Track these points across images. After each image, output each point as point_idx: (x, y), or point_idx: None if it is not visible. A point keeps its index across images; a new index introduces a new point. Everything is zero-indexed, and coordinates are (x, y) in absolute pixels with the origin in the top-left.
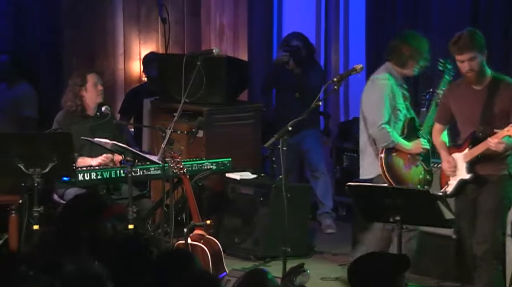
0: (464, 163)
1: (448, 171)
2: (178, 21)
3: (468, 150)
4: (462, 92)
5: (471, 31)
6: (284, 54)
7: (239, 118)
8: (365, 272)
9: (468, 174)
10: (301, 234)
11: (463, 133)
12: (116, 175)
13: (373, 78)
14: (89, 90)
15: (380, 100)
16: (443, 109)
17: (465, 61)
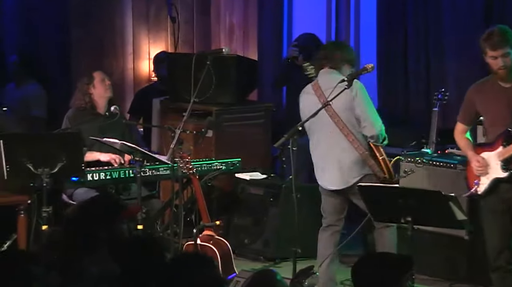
0: (498, 161)
1: (479, 170)
2: (187, 20)
3: (502, 148)
4: (489, 91)
5: (502, 28)
6: (293, 49)
7: (248, 118)
8: (368, 272)
9: (504, 172)
10: (312, 235)
11: (492, 132)
12: (125, 175)
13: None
14: (96, 86)
15: (369, 99)
16: (468, 110)
17: (498, 57)
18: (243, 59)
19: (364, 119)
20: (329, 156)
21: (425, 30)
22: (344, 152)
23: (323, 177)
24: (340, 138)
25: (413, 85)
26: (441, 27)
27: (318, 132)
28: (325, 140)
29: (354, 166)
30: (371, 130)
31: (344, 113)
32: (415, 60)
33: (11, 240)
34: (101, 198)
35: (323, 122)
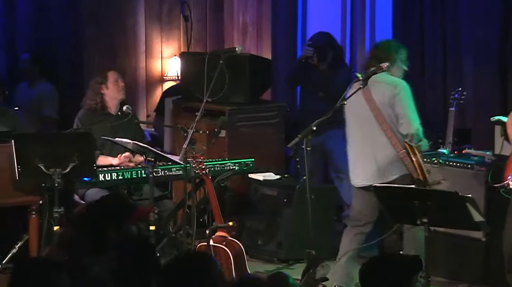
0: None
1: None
2: (200, 18)
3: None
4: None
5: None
6: (307, 49)
7: (262, 118)
8: (377, 274)
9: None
10: (326, 236)
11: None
12: (137, 175)
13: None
14: (109, 87)
15: (412, 100)
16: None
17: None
18: (257, 58)
19: (402, 116)
20: (366, 150)
21: (442, 30)
22: (382, 147)
23: (358, 173)
24: (379, 133)
25: (430, 85)
26: (458, 27)
27: (356, 126)
28: (363, 134)
29: (393, 163)
30: (407, 129)
31: (384, 109)
32: (432, 59)
33: (23, 241)
34: (110, 198)
35: (363, 116)
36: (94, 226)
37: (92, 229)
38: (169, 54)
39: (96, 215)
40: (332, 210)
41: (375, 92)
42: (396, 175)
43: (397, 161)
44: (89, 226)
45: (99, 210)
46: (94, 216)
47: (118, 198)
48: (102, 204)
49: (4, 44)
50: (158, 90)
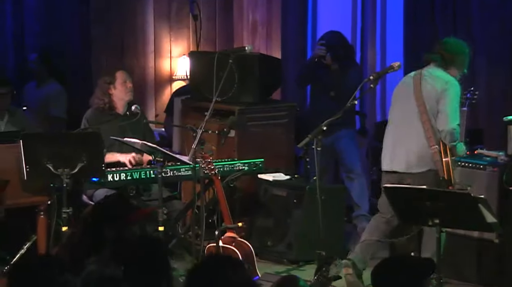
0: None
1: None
2: (209, 17)
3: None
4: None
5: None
6: (321, 48)
7: (272, 118)
8: (388, 276)
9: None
10: (336, 237)
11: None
12: (146, 175)
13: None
14: (117, 87)
15: (457, 101)
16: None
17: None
18: (267, 58)
19: (442, 112)
20: (401, 138)
21: (453, 29)
22: (416, 138)
23: (389, 159)
24: (417, 124)
25: None
26: (470, 25)
27: (398, 114)
28: (402, 122)
29: (423, 156)
30: (443, 125)
31: (429, 101)
32: None
33: (31, 241)
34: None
35: (407, 105)
36: (94, 226)
37: (92, 229)
38: (178, 53)
39: (96, 215)
40: (342, 210)
41: (426, 84)
42: (423, 168)
43: (427, 155)
44: (90, 226)
45: (99, 211)
46: (94, 216)
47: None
48: (103, 204)
49: (12, 43)
50: (167, 90)
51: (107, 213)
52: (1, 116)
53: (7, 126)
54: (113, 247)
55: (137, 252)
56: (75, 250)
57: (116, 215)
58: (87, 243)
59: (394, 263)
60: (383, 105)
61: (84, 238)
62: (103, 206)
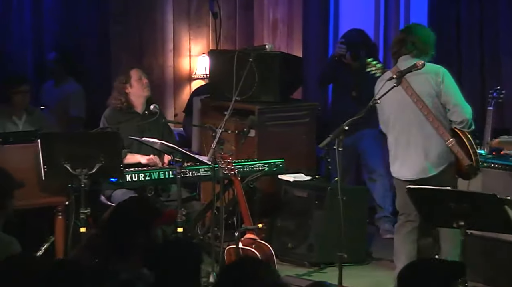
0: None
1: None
2: (229, 15)
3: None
4: None
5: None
6: (340, 46)
7: (292, 117)
8: (416, 279)
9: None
10: (358, 239)
11: None
12: (165, 176)
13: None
14: (133, 85)
15: (457, 87)
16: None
17: None
18: (287, 56)
19: (454, 104)
20: (413, 144)
21: (479, 26)
22: (430, 139)
23: (404, 167)
24: (425, 125)
25: (467, 83)
26: (496, 23)
27: (400, 121)
28: (408, 128)
29: (441, 154)
30: (461, 116)
31: (429, 99)
32: (469, 57)
33: (49, 243)
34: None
35: (406, 110)
36: (120, 229)
37: (117, 232)
38: (198, 52)
39: (122, 218)
40: (364, 212)
41: (416, 83)
42: (443, 165)
43: (446, 151)
44: (115, 229)
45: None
46: (120, 218)
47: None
48: (128, 206)
49: (31, 42)
50: (186, 89)
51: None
52: (19, 115)
53: (25, 126)
54: (144, 253)
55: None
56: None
57: (144, 219)
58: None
59: (422, 266)
60: None
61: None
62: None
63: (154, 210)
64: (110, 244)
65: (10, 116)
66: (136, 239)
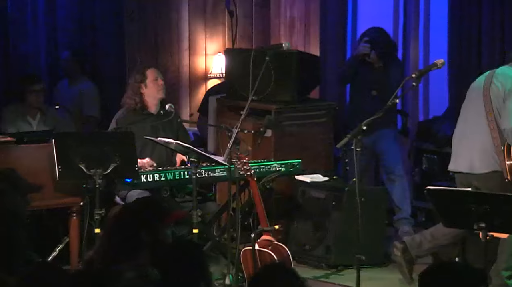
0: None
1: None
2: (246, 14)
3: None
4: None
5: None
6: (365, 46)
7: (310, 117)
8: (437, 283)
9: None
10: (377, 241)
11: None
12: (180, 176)
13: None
14: (149, 86)
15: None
16: None
17: None
18: (305, 55)
19: (505, 110)
20: (466, 137)
21: (500, 23)
22: (482, 137)
23: (456, 160)
24: (483, 123)
25: None
26: None
27: (466, 113)
28: (469, 121)
29: (487, 156)
30: (504, 123)
31: (496, 101)
32: (490, 55)
33: (63, 243)
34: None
35: (475, 103)
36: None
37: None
38: (214, 50)
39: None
40: (383, 213)
41: (495, 84)
42: (486, 169)
43: (491, 154)
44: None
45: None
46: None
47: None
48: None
49: (45, 41)
50: (202, 88)
51: (142, 217)
52: (33, 115)
53: (39, 126)
54: (152, 252)
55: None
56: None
57: (152, 218)
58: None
59: (444, 270)
60: (425, 104)
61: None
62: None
63: (162, 210)
64: (117, 244)
65: (24, 116)
66: (143, 239)
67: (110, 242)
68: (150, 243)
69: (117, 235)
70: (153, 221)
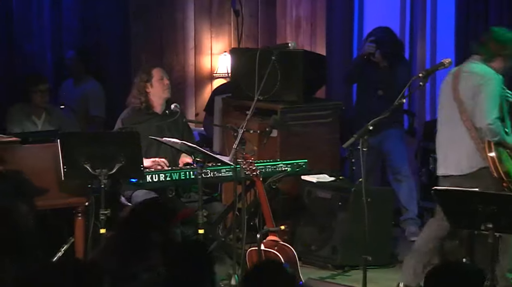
0: None
1: None
2: (252, 13)
3: None
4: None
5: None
6: (370, 45)
7: (316, 117)
8: (443, 282)
9: None
10: (383, 242)
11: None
12: (185, 176)
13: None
14: (154, 85)
15: (494, 95)
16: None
17: None
18: (311, 54)
19: (477, 108)
20: (448, 141)
21: (508, 22)
22: (461, 139)
23: (441, 164)
24: (459, 124)
25: None
26: None
27: (442, 115)
28: (446, 124)
29: (471, 155)
30: (479, 122)
31: (467, 99)
32: None
33: (68, 244)
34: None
35: (449, 105)
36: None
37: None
38: (219, 50)
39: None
40: (389, 213)
41: (463, 82)
42: (474, 168)
43: (475, 153)
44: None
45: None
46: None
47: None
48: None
49: (50, 41)
50: (207, 88)
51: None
52: (38, 115)
53: (44, 125)
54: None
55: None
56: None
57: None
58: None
59: (449, 269)
60: (432, 103)
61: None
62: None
63: (169, 210)
64: (128, 245)
65: (29, 116)
66: (154, 239)
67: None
68: (161, 243)
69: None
70: (162, 220)
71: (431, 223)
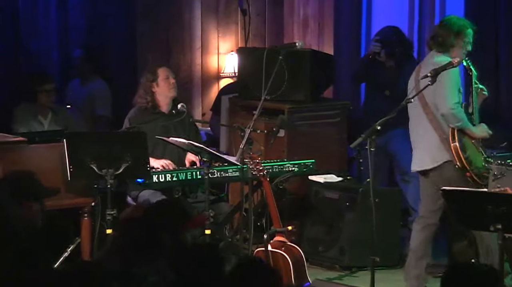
0: None
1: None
2: (259, 12)
3: None
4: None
5: None
6: (375, 44)
7: (323, 117)
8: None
9: None
10: (391, 242)
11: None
12: (192, 176)
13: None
14: (160, 85)
15: (453, 83)
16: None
17: None
18: (318, 54)
19: (438, 96)
20: (415, 136)
21: None
22: (425, 132)
23: (413, 160)
24: (423, 118)
25: (504, 80)
26: None
27: (410, 111)
28: (413, 119)
29: (438, 147)
30: (441, 108)
31: (427, 92)
32: (507, 53)
33: (75, 244)
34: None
35: (414, 103)
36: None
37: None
38: (226, 49)
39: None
40: (397, 214)
41: (422, 73)
42: (442, 160)
43: (439, 146)
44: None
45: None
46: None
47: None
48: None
49: (57, 40)
50: (214, 87)
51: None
52: (44, 114)
53: (50, 125)
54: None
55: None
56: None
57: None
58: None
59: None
60: None
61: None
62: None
63: (184, 213)
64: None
65: (36, 115)
66: (164, 242)
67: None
68: (171, 246)
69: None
70: (176, 224)
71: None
